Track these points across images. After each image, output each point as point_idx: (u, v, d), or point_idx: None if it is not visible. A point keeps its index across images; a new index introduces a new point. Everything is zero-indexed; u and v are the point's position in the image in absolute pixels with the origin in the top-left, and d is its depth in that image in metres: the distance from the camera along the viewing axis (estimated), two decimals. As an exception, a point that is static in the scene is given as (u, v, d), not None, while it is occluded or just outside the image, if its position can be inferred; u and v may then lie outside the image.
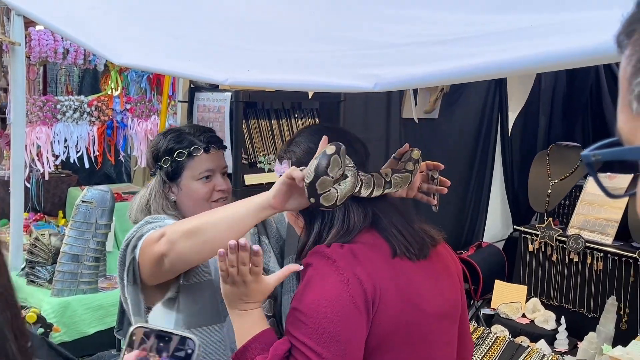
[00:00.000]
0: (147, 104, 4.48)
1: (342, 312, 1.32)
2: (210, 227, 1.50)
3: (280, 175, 1.49)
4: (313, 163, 1.34)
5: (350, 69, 1.46)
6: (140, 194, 1.87)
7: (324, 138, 1.41)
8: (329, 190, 1.33)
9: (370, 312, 1.35)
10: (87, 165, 4.21)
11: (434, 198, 1.84)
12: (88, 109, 4.22)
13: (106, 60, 4.45)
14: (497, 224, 4.40)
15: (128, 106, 4.38)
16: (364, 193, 1.41)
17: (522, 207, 4.20)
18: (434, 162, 1.88)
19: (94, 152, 4.22)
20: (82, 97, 4.33)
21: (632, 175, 2.94)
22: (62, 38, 4.28)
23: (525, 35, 1.31)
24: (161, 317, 1.71)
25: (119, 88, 4.40)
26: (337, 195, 1.35)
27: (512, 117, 4.00)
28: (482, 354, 2.71)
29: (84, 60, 4.31)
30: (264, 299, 1.45)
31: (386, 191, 1.46)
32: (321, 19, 1.71)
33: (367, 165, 1.51)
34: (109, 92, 4.45)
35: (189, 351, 0.97)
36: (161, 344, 0.99)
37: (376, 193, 1.43)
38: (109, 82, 4.42)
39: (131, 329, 1.00)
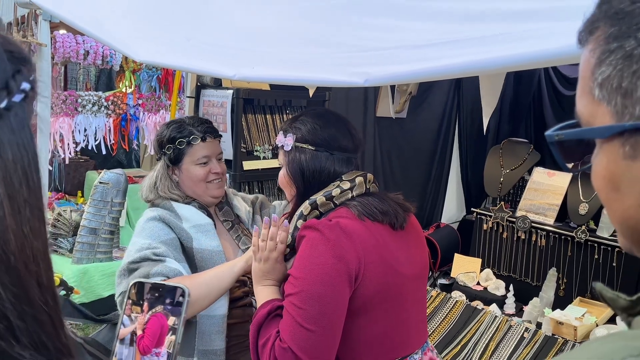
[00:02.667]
0: (157, 100, 4.44)
1: (327, 277, 1.30)
2: (197, 290, 1.54)
3: (282, 146, 1.49)
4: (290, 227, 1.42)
5: (342, 67, 1.43)
6: (149, 176, 1.86)
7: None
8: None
9: (353, 283, 1.33)
10: (103, 152, 4.17)
11: None
12: (105, 103, 4.17)
13: (121, 62, 4.41)
14: (453, 207, 4.41)
15: (140, 101, 4.34)
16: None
17: (473, 193, 4.24)
18: None
19: (110, 140, 4.18)
20: (100, 93, 4.28)
21: (574, 167, 2.95)
22: (83, 41, 4.22)
23: (492, 41, 1.32)
24: None
25: (132, 86, 4.36)
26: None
27: (485, 119, 3.99)
28: (444, 315, 2.72)
29: (102, 61, 4.25)
30: (282, 279, 1.44)
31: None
32: (313, 28, 1.71)
33: (360, 149, 1.52)
34: (123, 90, 4.40)
35: (180, 299, 0.97)
36: (156, 294, 0.99)
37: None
38: (124, 80, 4.38)
39: (130, 283, 0.99)
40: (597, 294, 0.60)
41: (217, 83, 2.97)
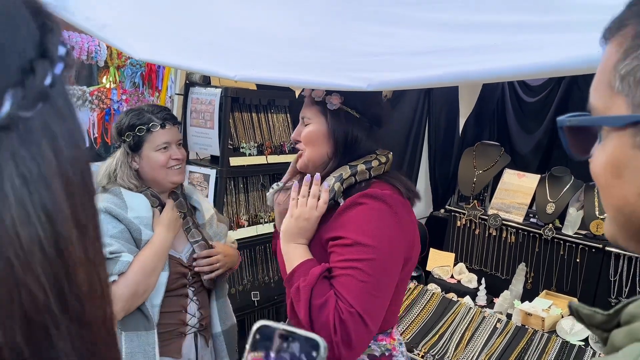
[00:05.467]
0: (140, 95, 4.38)
1: (396, 251, 1.33)
2: (145, 279, 1.62)
3: (320, 102, 1.51)
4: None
5: (344, 72, 1.44)
6: (107, 162, 1.84)
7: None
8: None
9: (404, 259, 1.38)
10: (87, 145, 4.09)
11: None
12: (89, 98, 4.09)
13: (106, 58, 4.33)
14: (421, 205, 4.41)
15: (124, 97, 4.27)
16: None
17: (440, 192, 4.30)
18: None
19: (93, 134, 4.11)
20: (84, 87, 4.19)
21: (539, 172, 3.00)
22: (68, 36, 4.13)
23: (488, 51, 1.34)
24: None
25: (117, 81, 4.29)
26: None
27: (462, 121, 4.02)
28: (422, 306, 2.77)
29: (87, 57, 4.16)
30: (309, 240, 1.43)
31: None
32: (316, 32, 1.71)
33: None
34: (107, 85, 4.32)
35: (314, 354, 0.72)
36: (284, 345, 0.74)
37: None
38: (108, 76, 4.30)
39: (254, 327, 0.78)
40: (574, 312, 0.61)
41: (206, 81, 2.95)
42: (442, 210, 3.64)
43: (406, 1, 1.63)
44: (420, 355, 2.45)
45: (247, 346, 0.72)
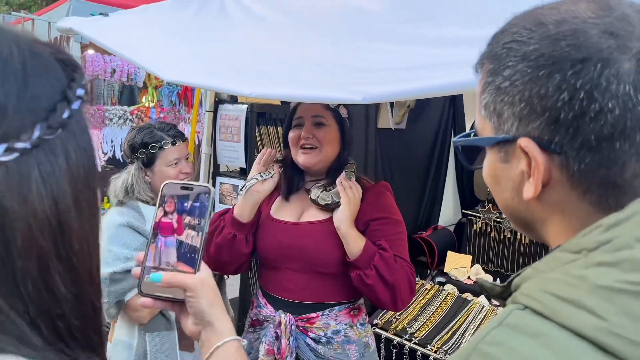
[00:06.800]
0: (177, 113, 4.62)
1: None
2: None
3: (336, 109, 1.87)
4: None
5: (343, 86, 1.55)
6: (122, 177, 1.94)
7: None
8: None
9: None
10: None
11: None
12: (130, 117, 4.35)
13: (144, 79, 4.59)
14: (449, 211, 4.48)
15: (162, 115, 4.52)
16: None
17: (467, 198, 4.34)
18: None
19: (134, 150, 4.35)
20: (125, 107, 4.45)
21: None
22: (110, 60, 4.40)
23: (471, 65, 1.46)
24: (126, 323, 1.85)
25: (155, 100, 4.54)
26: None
27: (468, 126, 4.07)
28: (437, 305, 2.86)
29: (127, 78, 4.43)
30: None
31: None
32: (320, 52, 1.84)
33: None
34: (146, 104, 4.58)
35: (207, 196, 0.91)
36: (186, 193, 0.91)
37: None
38: (147, 95, 4.55)
39: (162, 186, 0.93)
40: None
41: (234, 99, 3.14)
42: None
43: (403, 19, 1.76)
44: (433, 351, 2.55)
45: (157, 203, 0.93)
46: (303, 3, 2.12)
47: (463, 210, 3.83)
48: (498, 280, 3.07)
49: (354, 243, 1.68)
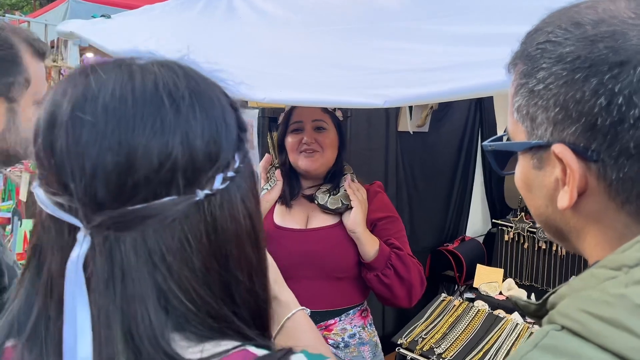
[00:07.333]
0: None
1: None
2: None
3: (340, 118, 2.04)
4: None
5: (362, 90, 1.57)
6: None
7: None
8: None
9: None
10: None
11: None
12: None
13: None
14: (478, 221, 4.45)
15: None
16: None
17: (497, 206, 4.30)
18: None
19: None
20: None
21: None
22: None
23: (500, 64, 1.46)
24: None
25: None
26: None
27: (499, 131, 4.04)
28: (466, 323, 2.87)
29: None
30: None
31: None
32: (337, 52, 1.87)
33: None
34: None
35: None
36: None
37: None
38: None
39: None
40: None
41: (244, 103, 3.17)
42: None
43: (424, 15, 1.78)
44: (464, 372, 2.55)
45: None
46: (316, 1, 2.15)
47: (493, 220, 3.81)
48: (533, 296, 3.07)
49: (370, 245, 1.83)
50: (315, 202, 1.94)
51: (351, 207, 1.88)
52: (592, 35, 0.61)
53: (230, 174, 0.64)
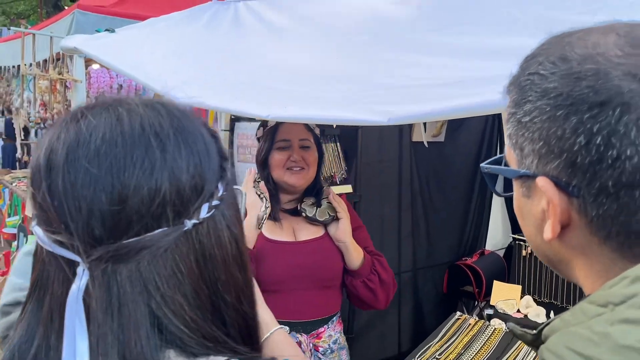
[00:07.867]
0: (190, 131, 4.72)
1: None
2: None
3: (321, 138, 2.19)
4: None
5: (366, 105, 1.56)
6: None
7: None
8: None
9: None
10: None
11: None
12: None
13: (154, 95, 4.69)
14: (498, 234, 4.39)
15: (173, 133, 4.62)
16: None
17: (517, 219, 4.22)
18: None
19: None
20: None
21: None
22: (116, 75, 4.53)
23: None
24: None
25: (166, 118, 4.64)
26: None
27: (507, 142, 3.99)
28: (482, 343, 2.85)
29: (135, 93, 4.56)
30: None
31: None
32: (340, 66, 1.87)
33: None
34: (158, 121, 4.68)
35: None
36: None
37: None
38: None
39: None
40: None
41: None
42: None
43: (432, 27, 1.78)
44: (479, 395, 2.53)
45: None
46: (322, 11, 2.17)
47: (512, 235, 3.77)
48: (552, 313, 3.03)
49: (357, 253, 2.05)
50: (303, 214, 2.10)
51: (337, 219, 2.07)
52: (576, 72, 0.62)
53: (215, 202, 0.71)
